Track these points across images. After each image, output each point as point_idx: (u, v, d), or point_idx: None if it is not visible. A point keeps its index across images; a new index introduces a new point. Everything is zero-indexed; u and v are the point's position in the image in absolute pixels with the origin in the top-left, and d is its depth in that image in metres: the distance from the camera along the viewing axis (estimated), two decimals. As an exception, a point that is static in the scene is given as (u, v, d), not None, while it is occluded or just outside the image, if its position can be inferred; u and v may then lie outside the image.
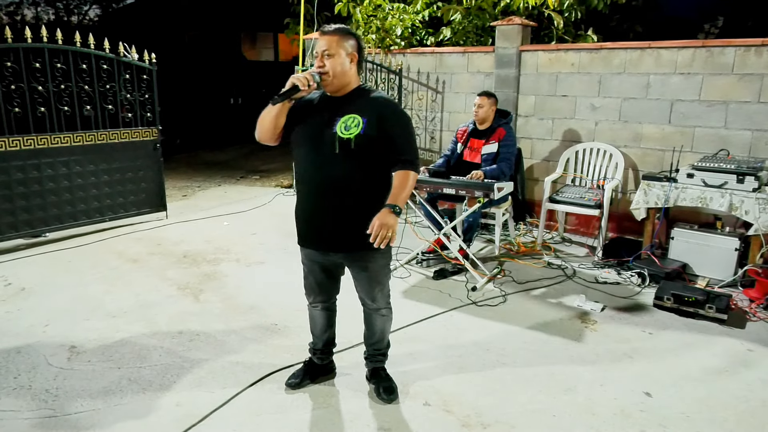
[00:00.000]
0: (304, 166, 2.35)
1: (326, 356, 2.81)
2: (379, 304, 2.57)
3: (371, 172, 2.32)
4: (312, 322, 2.73)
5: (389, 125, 2.29)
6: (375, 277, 2.48)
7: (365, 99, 2.33)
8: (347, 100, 2.32)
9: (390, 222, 2.20)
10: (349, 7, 6.82)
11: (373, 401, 2.64)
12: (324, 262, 2.50)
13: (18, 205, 4.68)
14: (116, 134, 5.22)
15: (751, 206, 3.83)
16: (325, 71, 2.25)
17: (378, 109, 2.29)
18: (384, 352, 2.74)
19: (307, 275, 2.59)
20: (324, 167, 2.28)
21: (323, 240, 2.40)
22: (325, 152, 2.26)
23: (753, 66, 4.32)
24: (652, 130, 4.86)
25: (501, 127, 4.48)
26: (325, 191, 2.31)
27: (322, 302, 2.64)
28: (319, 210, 2.36)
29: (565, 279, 4.20)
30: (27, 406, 2.57)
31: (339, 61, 2.25)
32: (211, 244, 4.93)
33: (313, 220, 2.40)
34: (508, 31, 5.46)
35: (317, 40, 2.30)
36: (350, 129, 2.24)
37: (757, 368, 2.97)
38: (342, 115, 2.27)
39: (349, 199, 2.30)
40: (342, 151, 2.23)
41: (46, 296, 3.79)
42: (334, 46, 2.25)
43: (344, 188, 2.29)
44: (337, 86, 2.30)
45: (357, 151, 2.24)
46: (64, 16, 19.23)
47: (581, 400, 2.67)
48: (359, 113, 2.27)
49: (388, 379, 2.70)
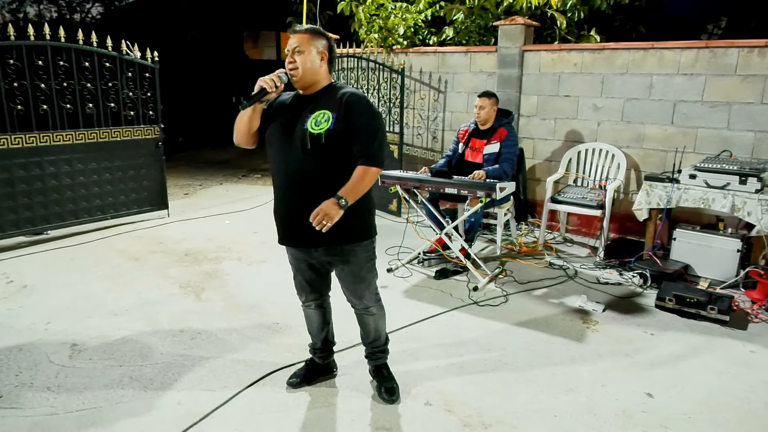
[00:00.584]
0: (277, 164, 2.36)
1: (327, 355, 2.81)
2: (367, 302, 2.56)
3: (342, 166, 2.30)
4: (308, 322, 2.74)
5: (355, 119, 2.28)
6: (358, 272, 2.46)
7: (335, 95, 2.33)
8: (318, 97, 2.34)
9: (331, 213, 2.18)
10: (351, 6, 6.82)
11: (375, 401, 2.64)
12: (309, 259, 2.50)
13: (20, 203, 4.69)
14: (118, 132, 5.23)
15: (753, 207, 3.82)
16: (294, 67, 2.27)
17: (346, 103, 2.29)
18: (383, 349, 2.74)
19: (295, 274, 2.59)
20: (296, 163, 2.29)
21: (301, 236, 2.38)
22: (296, 149, 2.28)
23: (756, 67, 4.31)
24: (654, 130, 4.85)
25: (503, 127, 4.48)
26: (299, 187, 2.32)
27: (314, 300, 2.64)
28: (294, 207, 2.35)
29: (566, 279, 4.19)
30: (28, 403, 2.58)
31: (309, 58, 2.27)
32: (213, 243, 4.93)
33: (289, 218, 2.40)
34: (511, 30, 5.46)
35: (290, 39, 2.33)
36: (320, 124, 2.26)
37: (759, 370, 2.96)
38: (312, 112, 2.30)
39: (322, 194, 2.24)
40: (313, 147, 2.25)
41: (48, 294, 3.79)
42: (305, 43, 2.28)
43: (317, 183, 2.29)
44: (306, 83, 2.32)
45: (327, 146, 2.25)
46: (66, 14, 19.24)
47: (583, 400, 2.66)
48: (329, 108, 2.29)
49: (390, 379, 2.70)
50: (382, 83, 6.03)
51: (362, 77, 6.28)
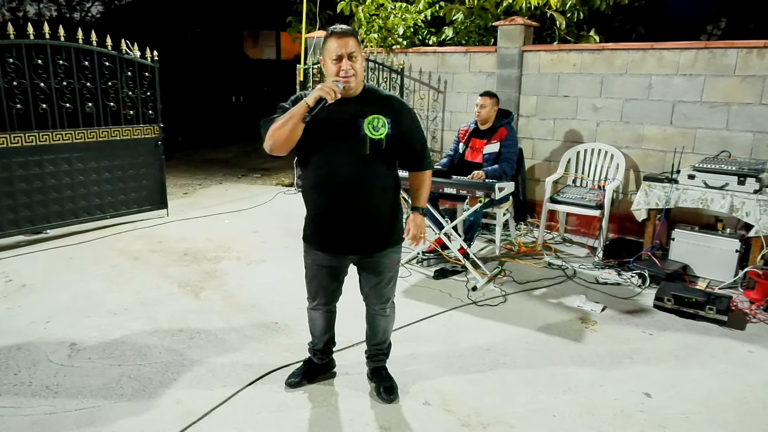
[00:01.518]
0: (329, 169, 2.27)
1: (326, 356, 2.81)
2: (386, 304, 2.59)
3: (392, 170, 2.38)
4: (312, 324, 2.71)
5: (407, 124, 2.34)
6: (388, 273, 2.50)
7: (379, 98, 2.33)
8: (363, 101, 2.29)
9: (423, 225, 2.48)
10: (351, 6, 6.82)
11: (374, 400, 2.64)
12: (335, 265, 2.46)
13: (19, 202, 4.69)
14: (118, 131, 5.23)
15: (752, 208, 3.83)
16: (353, 74, 2.19)
17: (396, 108, 2.32)
18: (386, 352, 2.75)
19: (311, 279, 2.54)
20: (353, 169, 2.25)
21: (345, 243, 2.37)
22: (354, 154, 2.24)
23: (755, 68, 4.31)
24: (653, 131, 4.85)
25: (503, 127, 4.48)
26: (354, 193, 2.28)
27: (325, 305, 2.62)
28: (346, 213, 2.31)
29: (565, 279, 4.20)
30: (27, 402, 2.58)
31: (360, 62, 2.23)
32: (212, 242, 4.93)
33: (337, 224, 2.34)
34: (511, 31, 5.46)
35: (331, 42, 2.19)
36: (379, 129, 2.24)
37: (757, 370, 2.97)
38: (364, 116, 2.25)
39: (377, 199, 2.33)
40: (373, 152, 2.24)
41: (47, 293, 3.79)
42: (357, 47, 2.21)
43: (373, 189, 2.31)
44: (356, 88, 2.27)
45: (386, 151, 2.27)
46: (66, 13, 19.22)
47: (581, 400, 2.67)
48: (381, 113, 2.27)
49: (389, 378, 2.71)
50: (382, 83, 6.04)
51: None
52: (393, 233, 2.44)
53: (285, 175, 8.06)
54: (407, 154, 2.40)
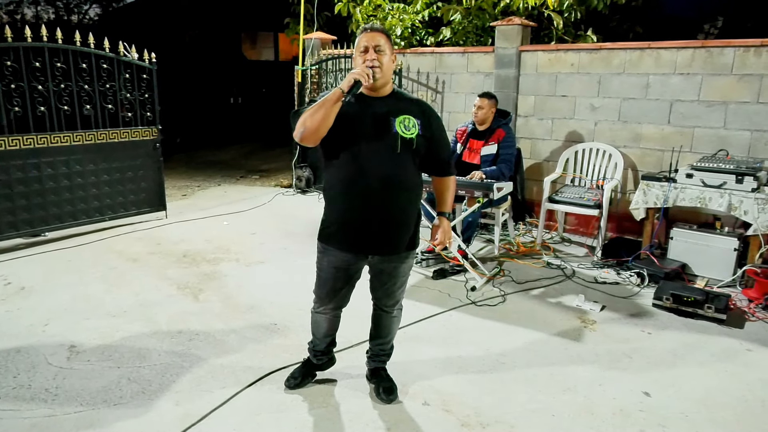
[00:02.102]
0: (357, 166, 2.25)
1: (325, 356, 2.81)
2: (397, 305, 2.61)
3: (417, 171, 2.40)
4: (315, 326, 2.68)
5: (436, 128, 2.36)
6: (403, 276, 2.52)
7: (408, 101, 2.36)
8: (392, 101, 2.31)
9: (450, 229, 2.49)
10: (349, 7, 6.83)
11: (373, 401, 2.64)
12: (352, 266, 2.44)
13: (18, 205, 4.69)
14: (116, 134, 5.22)
15: (750, 206, 3.84)
16: (378, 65, 2.21)
17: (425, 111, 2.35)
18: (388, 353, 2.76)
19: (325, 281, 2.50)
20: (384, 166, 2.25)
21: (369, 243, 2.35)
22: (384, 152, 2.25)
23: (752, 66, 4.32)
24: (651, 130, 4.86)
25: (500, 128, 4.48)
26: (383, 192, 2.27)
27: (333, 309, 2.60)
28: (373, 212, 2.30)
29: (564, 279, 4.20)
30: (26, 405, 2.57)
31: (388, 58, 2.25)
32: (211, 244, 4.93)
33: (363, 223, 2.32)
34: (508, 31, 5.47)
35: (363, 36, 2.24)
36: (410, 129, 2.26)
37: (756, 368, 2.97)
38: (396, 116, 2.27)
39: (405, 199, 2.35)
40: (403, 151, 2.26)
41: (46, 295, 3.79)
42: (385, 42, 2.24)
43: (402, 188, 2.32)
44: (382, 84, 2.27)
45: (416, 151, 2.29)
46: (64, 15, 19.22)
47: (580, 399, 2.67)
48: (411, 114, 2.29)
49: (388, 379, 2.71)
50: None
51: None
52: (414, 237, 2.45)
53: (284, 176, 8.06)
54: (434, 158, 2.41)
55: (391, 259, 2.42)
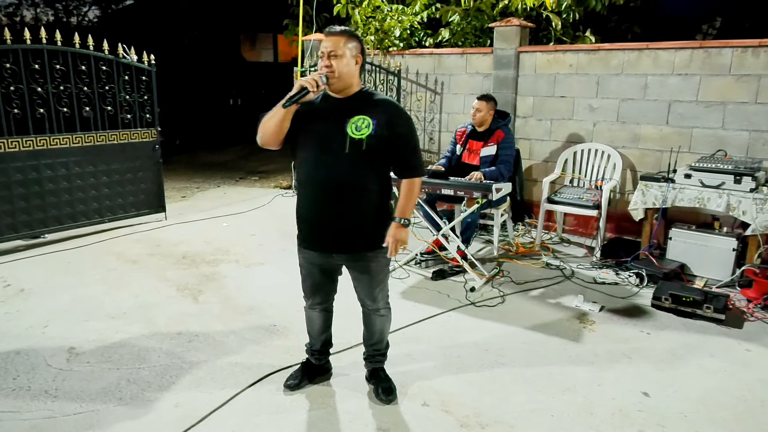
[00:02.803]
0: (311, 166, 2.33)
1: (323, 356, 2.81)
2: (379, 304, 2.58)
3: (377, 173, 2.36)
4: (309, 324, 2.73)
5: (397, 129, 2.32)
6: (376, 276, 2.50)
7: (372, 101, 2.34)
8: (353, 102, 2.33)
9: (403, 237, 2.38)
10: (348, 9, 6.83)
11: (372, 402, 2.64)
12: (324, 264, 2.50)
13: (17, 207, 4.69)
14: (115, 135, 5.22)
15: (748, 206, 3.84)
16: (331, 71, 2.24)
17: (386, 111, 2.31)
18: (383, 353, 2.76)
19: (305, 277, 2.58)
20: (333, 168, 2.28)
21: (328, 241, 2.40)
22: (334, 153, 2.27)
23: (750, 67, 4.33)
24: (650, 130, 4.87)
25: (499, 129, 4.49)
26: (333, 192, 2.31)
27: (320, 304, 2.64)
28: (326, 211, 2.35)
29: (563, 279, 4.21)
30: (26, 407, 2.57)
31: (345, 61, 2.25)
32: (211, 245, 4.94)
33: (318, 222, 2.39)
34: (507, 32, 5.47)
35: (322, 41, 2.29)
36: (361, 130, 2.26)
37: (755, 368, 2.98)
38: (351, 116, 2.28)
39: (356, 199, 2.32)
40: (352, 152, 2.25)
41: (46, 297, 3.79)
42: (341, 46, 2.25)
43: (352, 189, 2.31)
44: (341, 87, 2.30)
45: (367, 152, 2.26)
46: (63, 17, 19.22)
47: (580, 400, 2.67)
48: (368, 114, 2.29)
49: (387, 379, 2.71)
50: (379, 85, 6.04)
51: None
52: (377, 235, 2.40)
53: (283, 177, 8.07)
54: (394, 158, 2.39)
55: (355, 257, 2.43)
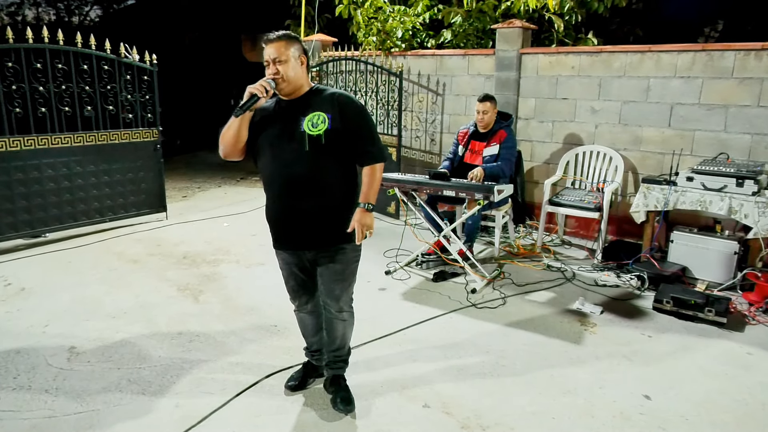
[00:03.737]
0: (272, 168, 2.35)
1: (323, 357, 2.77)
2: (342, 305, 2.52)
3: (340, 166, 2.37)
4: (302, 326, 2.73)
5: (351, 119, 2.33)
6: (341, 271, 2.45)
7: (324, 96, 2.36)
8: (306, 100, 2.35)
9: (368, 221, 2.35)
10: (350, 9, 6.83)
11: (372, 404, 2.63)
12: (298, 262, 2.51)
13: (18, 206, 4.69)
14: (117, 135, 5.23)
15: (750, 210, 3.84)
16: (279, 76, 2.27)
17: (338, 104, 2.32)
18: (345, 359, 2.68)
19: (287, 279, 2.59)
20: (294, 166, 2.30)
21: (296, 239, 2.43)
22: (294, 151, 2.28)
23: (753, 70, 4.32)
24: (651, 133, 4.86)
25: (502, 130, 4.49)
26: (297, 189, 2.33)
27: (307, 304, 2.61)
28: (291, 209, 2.37)
29: (564, 281, 4.20)
30: (26, 406, 2.57)
31: (290, 65, 2.28)
32: (211, 245, 4.93)
33: (285, 221, 2.42)
34: (509, 33, 5.47)
35: (264, 49, 2.32)
36: (318, 126, 2.27)
37: (756, 372, 2.97)
38: (305, 114, 2.30)
39: (321, 195, 2.34)
40: (312, 148, 2.27)
41: (46, 297, 3.79)
42: (283, 51, 2.28)
43: (314, 184, 2.32)
44: (291, 90, 2.33)
45: (327, 147, 2.28)
46: (64, 17, 19.22)
47: (581, 402, 2.67)
48: (322, 110, 2.30)
49: (347, 389, 2.64)
50: (381, 86, 6.04)
51: (360, 80, 6.29)
52: (344, 228, 2.37)
53: (284, 178, 8.05)
54: (353, 148, 2.37)
55: (323, 252, 2.43)
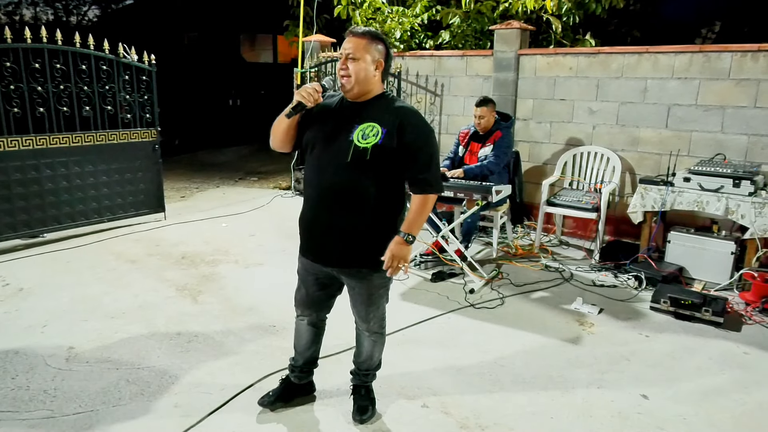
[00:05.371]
0: (313, 172, 2.22)
1: (305, 375, 2.64)
2: (371, 327, 2.42)
3: (383, 185, 2.18)
4: (297, 336, 2.57)
5: (411, 138, 2.13)
6: (369, 295, 2.33)
7: (387, 107, 2.18)
8: (367, 107, 2.18)
9: (404, 254, 2.16)
10: (348, 10, 6.84)
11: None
12: (319, 274, 2.35)
13: (16, 206, 4.68)
14: (115, 135, 5.22)
15: (747, 210, 3.86)
16: (346, 74, 2.12)
17: (401, 119, 2.13)
18: (368, 373, 2.59)
19: (300, 286, 2.45)
20: (332, 175, 2.14)
21: (321, 251, 2.28)
22: (336, 159, 2.13)
23: (749, 71, 4.34)
24: (649, 134, 4.88)
25: (498, 130, 4.49)
26: (330, 201, 2.18)
27: (309, 316, 2.49)
28: (321, 220, 2.23)
29: (562, 282, 4.21)
30: (25, 406, 2.57)
31: (363, 66, 2.11)
32: (210, 246, 4.93)
33: (314, 229, 2.27)
34: (507, 34, 5.49)
35: (344, 41, 2.16)
36: (368, 138, 2.10)
37: (753, 371, 2.99)
38: (360, 123, 2.14)
39: (355, 212, 2.17)
40: (354, 161, 2.09)
41: (45, 297, 3.79)
42: (361, 49, 2.11)
43: (350, 199, 2.15)
44: (358, 92, 2.15)
45: (371, 162, 2.10)
46: (62, 17, 19.19)
47: (579, 402, 2.68)
48: (379, 122, 2.13)
49: (365, 398, 2.57)
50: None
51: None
52: (370, 253, 2.20)
53: (282, 178, 8.07)
54: (405, 170, 2.19)
55: (348, 273, 2.28)
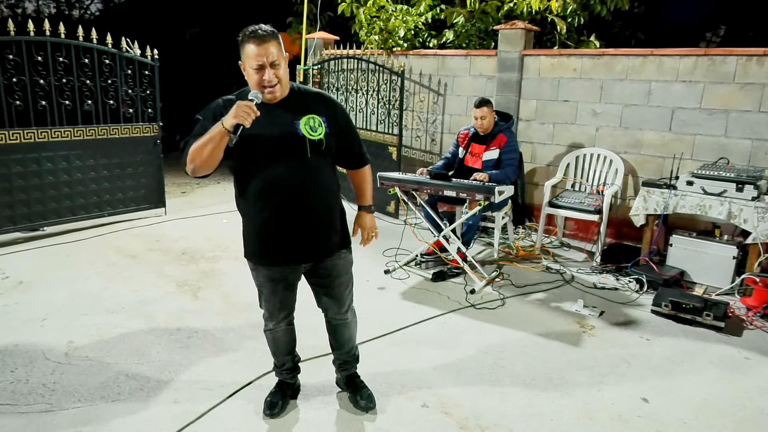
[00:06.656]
0: (269, 179, 2.12)
1: (296, 373, 2.66)
2: (348, 307, 2.46)
3: (332, 169, 2.30)
4: (274, 346, 2.53)
5: (344, 121, 2.26)
6: (347, 275, 2.40)
7: (309, 97, 2.21)
8: (293, 102, 2.15)
9: (374, 224, 2.39)
10: (352, 8, 6.83)
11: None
12: (289, 277, 2.32)
13: (17, 199, 4.67)
14: (117, 130, 5.22)
15: (749, 215, 3.85)
16: (277, 82, 2.05)
17: (328, 106, 2.22)
18: (355, 357, 2.64)
19: (269, 297, 2.36)
20: (296, 175, 2.12)
21: (298, 252, 2.24)
22: (296, 159, 2.12)
23: (754, 75, 4.33)
24: (652, 136, 4.87)
25: (502, 133, 4.47)
26: (302, 199, 2.17)
27: (285, 318, 2.47)
28: (295, 221, 2.18)
29: (563, 284, 4.21)
30: (24, 400, 2.57)
31: (284, 66, 2.08)
32: (210, 242, 4.93)
33: (283, 233, 2.20)
34: (511, 35, 5.47)
35: (254, 48, 2.03)
36: (316, 129, 2.13)
37: (754, 376, 2.98)
38: (300, 117, 2.13)
39: (326, 201, 2.25)
40: (314, 154, 2.13)
41: (44, 291, 3.78)
42: (278, 52, 2.04)
43: (320, 192, 2.21)
44: (282, 94, 2.13)
45: (326, 151, 2.17)
46: (65, 10, 19.15)
47: (579, 404, 2.67)
48: (315, 113, 2.16)
49: (365, 386, 2.62)
50: (382, 85, 6.03)
51: (362, 79, 6.28)
52: (344, 235, 2.34)
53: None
54: (347, 151, 2.31)
55: (332, 260, 2.32)
